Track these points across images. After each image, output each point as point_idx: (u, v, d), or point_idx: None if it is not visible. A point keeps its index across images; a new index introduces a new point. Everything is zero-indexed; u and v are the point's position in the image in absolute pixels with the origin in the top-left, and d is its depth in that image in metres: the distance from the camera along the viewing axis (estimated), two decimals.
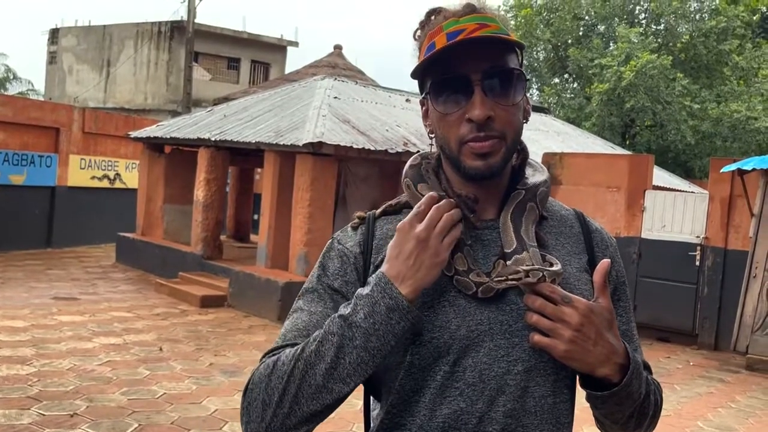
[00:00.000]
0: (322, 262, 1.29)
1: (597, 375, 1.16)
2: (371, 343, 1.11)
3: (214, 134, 10.62)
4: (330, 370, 1.11)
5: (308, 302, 1.26)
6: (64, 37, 29.63)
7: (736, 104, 18.12)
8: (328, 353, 1.11)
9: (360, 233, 1.30)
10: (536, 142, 12.27)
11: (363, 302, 1.12)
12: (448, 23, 1.21)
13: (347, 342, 1.11)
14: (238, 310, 9.37)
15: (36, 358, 6.51)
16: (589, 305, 1.14)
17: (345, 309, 1.14)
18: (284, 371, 1.13)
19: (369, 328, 1.11)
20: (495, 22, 1.21)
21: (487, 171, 1.22)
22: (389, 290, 1.11)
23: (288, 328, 1.24)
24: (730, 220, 8.96)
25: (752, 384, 7.57)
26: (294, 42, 29.98)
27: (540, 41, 21.66)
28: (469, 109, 1.19)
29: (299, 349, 1.14)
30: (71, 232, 13.89)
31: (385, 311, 1.11)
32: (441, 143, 1.26)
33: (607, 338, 1.15)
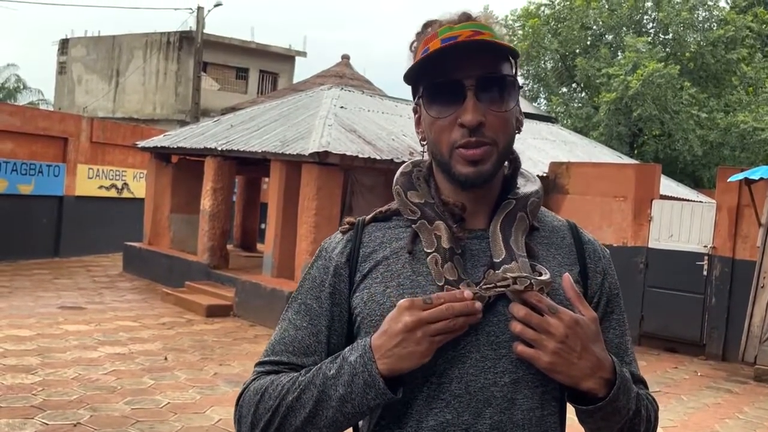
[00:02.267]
0: (310, 271, 1.31)
1: (581, 388, 1.15)
2: (346, 409, 1.15)
3: (221, 144, 10.65)
4: (309, 419, 1.16)
5: (295, 314, 1.29)
6: (73, 48, 29.85)
7: (743, 114, 18.05)
8: (308, 404, 1.16)
9: (348, 241, 1.29)
10: (543, 152, 12.25)
11: (346, 369, 1.14)
12: (443, 29, 1.21)
13: (326, 399, 1.15)
14: (244, 320, 9.37)
15: (41, 367, 6.52)
16: (575, 317, 1.13)
17: (330, 366, 1.17)
18: (270, 406, 1.19)
19: (346, 395, 1.14)
20: (490, 30, 1.21)
21: (478, 178, 1.22)
22: (369, 367, 1.12)
23: (277, 339, 1.29)
24: (737, 229, 8.91)
25: (760, 395, 7.50)
26: (302, 52, 30.10)
27: (548, 51, 21.67)
28: (462, 114, 1.19)
29: (284, 389, 1.18)
30: (79, 242, 13.94)
31: (362, 385, 1.13)
32: (432, 149, 1.26)
33: (593, 351, 1.13)
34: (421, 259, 1.24)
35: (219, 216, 10.84)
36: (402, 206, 1.29)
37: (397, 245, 1.27)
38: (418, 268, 1.23)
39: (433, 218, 1.24)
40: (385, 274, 1.24)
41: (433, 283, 1.21)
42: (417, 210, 1.26)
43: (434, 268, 1.21)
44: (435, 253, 1.21)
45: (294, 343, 1.26)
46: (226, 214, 11.02)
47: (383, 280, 1.24)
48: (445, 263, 1.20)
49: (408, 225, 1.28)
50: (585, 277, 1.31)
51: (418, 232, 1.26)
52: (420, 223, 1.25)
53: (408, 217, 1.28)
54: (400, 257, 1.25)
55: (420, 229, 1.25)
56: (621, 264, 9.35)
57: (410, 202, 1.27)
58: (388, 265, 1.25)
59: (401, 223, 1.30)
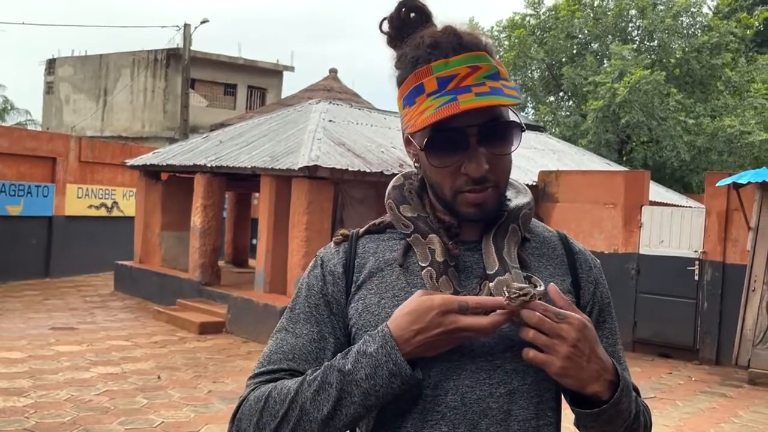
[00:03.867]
0: (307, 281, 1.29)
1: (587, 392, 1.14)
2: (369, 402, 1.12)
3: (210, 160, 10.64)
4: (326, 420, 1.13)
5: (293, 323, 1.26)
6: (60, 67, 29.82)
7: (730, 119, 18.18)
8: (326, 404, 1.12)
9: (343, 251, 1.29)
10: (532, 161, 12.29)
11: (366, 361, 1.11)
12: (437, 66, 1.17)
13: (345, 396, 1.12)
14: (237, 336, 9.33)
15: (33, 389, 6.47)
16: (584, 321, 1.13)
17: (344, 362, 1.13)
18: (277, 411, 1.14)
19: (369, 388, 1.11)
20: (486, 60, 1.18)
21: (482, 217, 1.24)
22: (394, 356, 1.10)
23: (273, 349, 1.25)
24: (727, 234, 8.95)
25: (755, 398, 7.51)
26: (290, 67, 30.18)
27: (534, 61, 21.77)
28: (467, 166, 1.18)
29: (292, 392, 1.14)
30: (69, 262, 13.86)
31: (387, 375, 1.11)
32: (432, 184, 1.25)
33: (599, 354, 1.14)
34: (415, 271, 1.24)
35: (210, 232, 10.81)
36: (395, 220, 1.29)
37: (391, 257, 1.27)
38: (412, 279, 1.24)
39: (426, 232, 1.24)
40: (379, 285, 1.24)
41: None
42: (410, 224, 1.26)
43: (429, 282, 1.21)
44: (429, 267, 1.21)
45: (294, 350, 1.23)
46: (216, 231, 10.99)
47: (378, 291, 1.24)
48: (440, 277, 1.20)
49: (402, 237, 1.28)
50: (577, 287, 1.32)
51: (412, 245, 1.26)
52: (414, 237, 1.26)
53: (402, 231, 1.28)
54: (394, 269, 1.25)
55: (414, 243, 1.26)
56: (612, 271, 9.38)
57: (403, 216, 1.27)
58: (382, 277, 1.25)
59: (395, 235, 1.30)
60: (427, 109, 1.15)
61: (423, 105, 1.17)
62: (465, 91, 1.15)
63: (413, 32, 1.25)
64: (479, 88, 1.15)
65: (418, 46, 1.22)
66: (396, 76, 1.26)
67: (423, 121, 1.14)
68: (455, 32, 1.21)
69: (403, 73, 1.23)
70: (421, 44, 1.21)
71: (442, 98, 1.15)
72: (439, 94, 1.16)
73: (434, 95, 1.16)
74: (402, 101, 1.23)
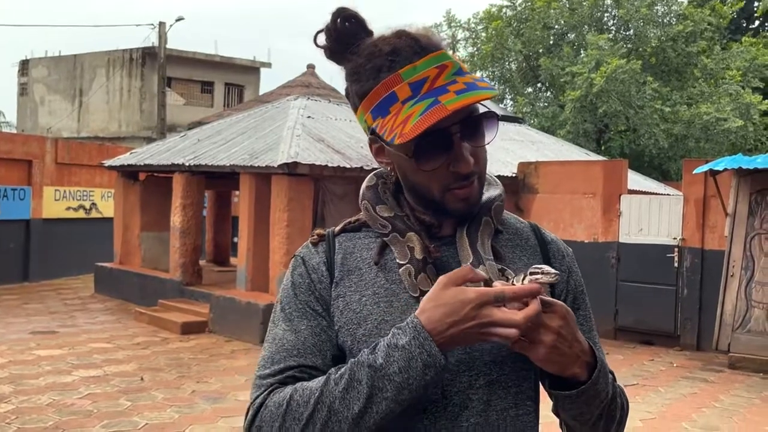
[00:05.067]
0: (293, 280, 1.27)
1: (566, 374, 1.15)
2: (402, 396, 1.09)
3: (188, 159, 10.57)
4: (357, 419, 1.09)
5: (288, 320, 1.23)
6: (34, 68, 29.47)
7: (706, 106, 18.36)
8: (356, 402, 1.09)
9: (322, 250, 1.28)
10: (511, 152, 12.33)
11: (398, 355, 1.08)
12: (406, 72, 1.17)
13: (377, 393, 1.08)
14: (220, 335, 9.29)
15: (14, 395, 6.40)
16: (566, 307, 1.13)
17: (373, 357, 1.10)
18: (301, 414, 1.11)
19: (402, 382, 1.08)
20: (449, 58, 1.18)
21: (470, 210, 1.24)
22: (428, 347, 1.07)
23: (274, 350, 1.22)
24: (705, 220, 9.04)
25: (735, 382, 7.61)
26: (267, 63, 30.06)
27: (511, 52, 21.83)
28: (454, 164, 1.18)
29: (317, 392, 1.11)
30: (48, 265, 13.72)
31: (422, 367, 1.08)
32: (417, 188, 1.24)
33: (579, 338, 1.15)
34: (393, 268, 1.24)
35: (190, 232, 10.75)
36: (371, 221, 1.29)
37: (368, 255, 1.27)
38: (390, 276, 1.24)
39: (404, 230, 1.24)
40: (359, 283, 1.24)
41: (407, 291, 1.21)
42: (387, 224, 1.26)
43: (408, 279, 1.21)
44: (408, 265, 1.21)
45: (297, 346, 1.20)
46: (197, 230, 10.92)
47: (357, 289, 1.23)
48: (418, 274, 1.20)
49: (378, 235, 1.28)
50: None
51: (390, 244, 1.26)
52: (392, 236, 1.25)
53: (379, 231, 1.28)
54: (372, 267, 1.25)
55: (392, 242, 1.26)
56: (593, 260, 9.45)
57: (380, 216, 1.27)
58: (360, 275, 1.25)
59: (371, 233, 1.30)
60: (410, 116, 1.14)
61: (402, 113, 1.15)
62: (442, 92, 1.14)
63: (353, 42, 1.24)
64: (454, 86, 1.15)
65: (375, 55, 1.20)
66: (353, 90, 1.24)
67: (412, 129, 1.12)
68: (411, 35, 1.21)
69: (366, 85, 1.20)
70: (379, 53, 1.20)
71: (422, 103, 1.14)
72: (416, 99, 1.15)
73: (411, 101, 1.15)
74: (370, 113, 1.20)
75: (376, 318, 1.20)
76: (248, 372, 7.48)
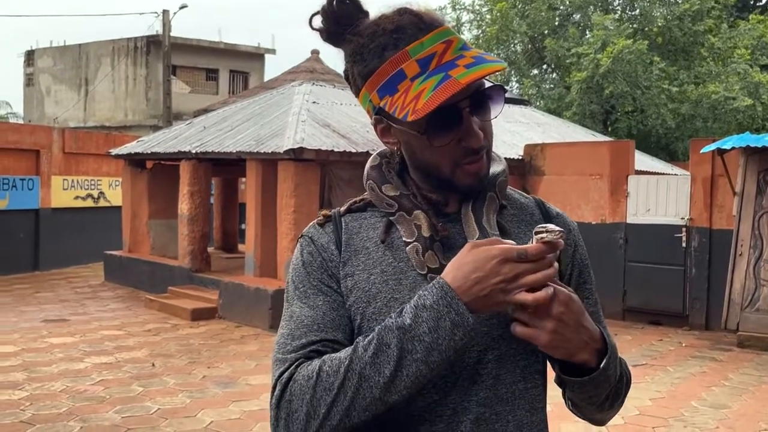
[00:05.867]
0: (303, 259, 1.27)
1: (575, 361, 1.17)
2: (432, 357, 1.08)
3: (195, 146, 10.59)
4: (388, 384, 1.08)
5: (305, 298, 1.23)
6: (40, 59, 29.50)
7: (714, 85, 18.22)
8: (386, 366, 1.08)
9: (330, 230, 1.28)
10: (518, 134, 12.30)
11: (427, 315, 1.08)
12: (413, 48, 1.17)
13: (406, 355, 1.08)
14: (230, 321, 9.35)
15: (27, 382, 6.47)
16: (569, 294, 1.14)
17: (401, 320, 1.09)
18: (332, 384, 1.10)
19: (432, 342, 1.08)
20: (453, 33, 1.19)
21: (480, 185, 1.25)
22: (456, 306, 1.07)
23: (293, 327, 1.20)
24: (713, 199, 9.02)
25: (744, 361, 7.61)
26: (271, 49, 29.98)
27: (517, 34, 21.68)
28: (466, 139, 1.18)
29: (346, 360, 1.10)
30: (58, 254, 13.81)
31: (450, 327, 1.07)
32: (427, 166, 1.24)
33: (585, 324, 1.15)
34: (400, 246, 1.24)
35: (198, 219, 10.79)
36: (377, 200, 1.29)
37: (374, 234, 1.27)
38: (398, 255, 1.24)
39: (411, 209, 1.24)
40: (366, 262, 1.24)
41: (414, 269, 1.22)
42: (394, 203, 1.26)
43: (415, 257, 1.22)
44: (415, 243, 1.22)
45: (317, 321, 1.19)
46: (204, 217, 10.96)
47: (365, 268, 1.24)
48: (426, 252, 1.21)
49: (383, 215, 1.28)
50: None
51: (397, 223, 1.26)
52: (398, 215, 1.26)
53: (385, 211, 1.28)
54: (378, 246, 1.26)
55: (398, 221, 1.26)
56: (600, 241, 9.45)
57: (386, 196, 1.27)
58: (368, 254, 1.25)
59: (376, 213, 1.30)
60: (422, 92, 1.13)
61: (413, 90, 1.15)
62: (452, 67, 1.14)
63: (350, 22, 1.23)
64: (462, 60, 1.15)
65: (379, 34, 1.20)
66: (356, 71, 1.23)
67: (426, 105, 1.12)
68: (413, 12, 1.21)
69: (370, 65, 1.20)
70: (382, 31, 1.20)
71: (432, 78, 1.14)
72: (426, 75, 1.15)
73: (420, 77, 1.15)
74: (376, 92, 1.20)
75: (385, 296, 1.20)
76: (258, 357, 7.54)
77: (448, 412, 1.18)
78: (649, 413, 5.79)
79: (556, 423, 5.25)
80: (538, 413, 1.26)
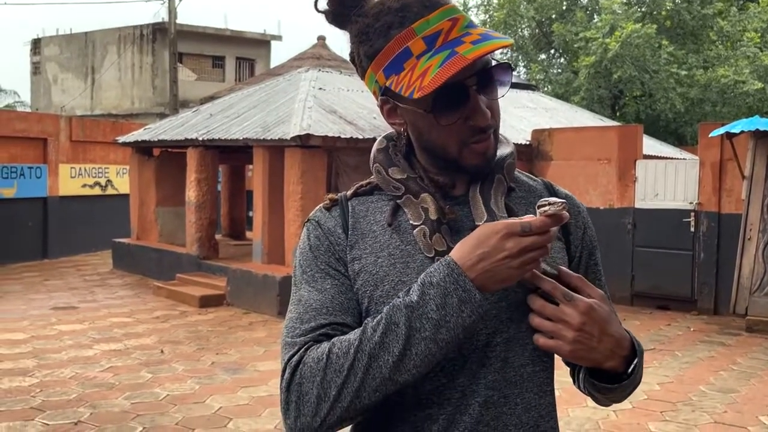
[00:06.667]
0: (310, 243, 1.26)
1: (604, 368, 1.19)
2: (440, 335, 1.08)
3: (202, 134, 10.59)
4: (397, 363, 1.08)
5: (313, 281, 1.22)
6: (46, 47, 29.52)
7: (723, 69, 18.08)
8: (395, 345, 1.08)
9: (337, 214, 1.28)
10: (525, 120, 12.25)
11: (434, 292, 1.08)
12: (420, 26, 1.15)
13: (415, 333, 1.08)
14: (238, 308, 9.38)
15: (37, 368, 6.51)
16: (589, 302, 1.14)
17: (408, 298, 1.10)
18: (342, 365, 1.09)
19: (440, 319, 1.08)
20: (459, 12, 1.18)
21: (488, 164, 1.23)
22: (463, 282, 1.08)
23: (302, 310, 1.19)
24: (722, 184, 8.97)
25: (753, 345, 7.59)
26: (277, 36, 29.93)
27: (524, 18, 21.56)
28: (473, 117, 1.18)
29: (356, 341, 1.10)
30: (66, 242, 13.87)
31: (457, 303, 1.08)
32: (434, 147, 1.23)
33: (610, 333, 1.16)
34: (407, 230, 1.24)
35: (205, 206, 10.80)
36: (384, 184, 1.28)
37: (381, 218, 1.26)
38: (405, 238, 1.23)
39: (418, 192, 1.23)
40: (373, 245, 1.23)
41: (422, 252, 1.21)
42: (401, 186, 1.25)
43: (422, 240, 1.21)
44: (423, 226, 1.21)
45: (326, 304, 1.19)
46: (212, 204, 10.97)
47: (372, 251, 1.23)
48: (433, 234, 1.20)
49: (390, 198, 1.28)
50: (566, 234, 1.33)
51: (404, 206, 1.25)
52: (405, 198, 1.25)
53: (392, 194, 1.27)
54: (386, 229, 1.25)
55: (405, 204, 1.25)
56: (609, 226, 9.43)
57: (393, 179, 1.26)
58: (375, 237, 1.24)
59: (383, 197, 1.29)
60: (429, 69, 1.12)
61: (419, 67, 1.14)
62: (458, 44, 1.13)
63: (356, 3, 1.23)
64: (468, 37, 1.14)
65: (384, 13, 1.19)
66: (362, 52, 1.22)
67: (432, 81, 1.10)
68: None
69: (376, 44, 1.19)
70: (387, 10, 1.19)
71: (438, 55, 1.13)
72: (433, 53, 1.14)
73: (426, 55, 1.14)
74: (382, 72, 1.19)
75: (393, 279, 1.20)
76: (266, 343, 7.56)
77: (456, 395, 1.18)
78: (657, 398, 5.79)
79: (565, 407, 5.26)
80: (547, 396, 1.26)
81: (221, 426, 5.15)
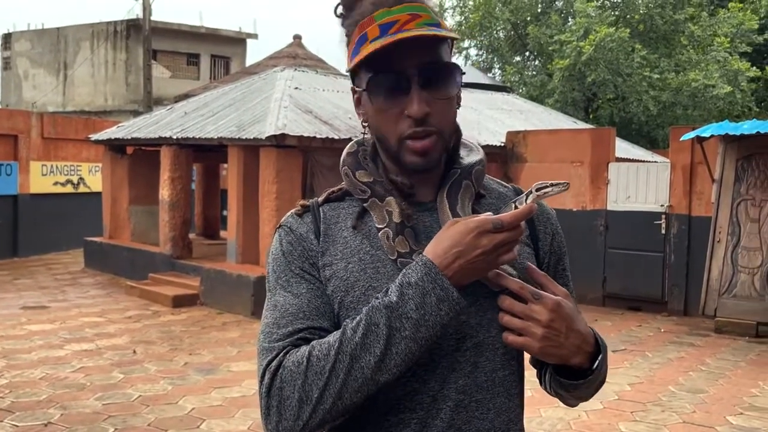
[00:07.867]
0: (282, 249, 1.27)
1: (570, 364, 1.21)
2: (420, 334, 1.10)
3: (176, 132, 10.51)
4: (378, 363, 1.09)
5: (288, 286, 1.23)
6: (17, 42, 29.07)
7: (694, 73, 18.35)
8: (376, 345, 1.09)
9: (309, 221, 1.29)
10: (499, 122, 12.32)
11: (412, 292, 1.10)
12: (379, 14, 1.19)
13: (395, 333, 1.09)
14: (211, 308, 9.32)
15: (6, 369, 6.42)
16: (556, 300, 1.16)
17: (387, 299, 1.11)
18: (323, 367, 1.10)
19: (419, 319, 1.09)
20: (425, 11, 1.20)
21: (426, 166, 1.24)
22: (440, 281, 1.10)
23: (278, 315, 1.20)
24: (692, 187, 9.10)
25: (721, 346, 7.72)
26: (253, 34, 29.76)
27: (499, 20, 21.71)
28: (408, 106, 1.19)
29: (336, 343, 1.11)
30: (37, 240, 13.68)
31: (436, 302, 1.09)
32: (378, 136, 1.26)
33: (577, 329, 1.18)
34: (377, 235, 1.25)
35: (179, 205, 10.72)
36: (351, 187, 1.30)
37: (352, 224, 1.28)
38: (375, 243, 1.24)
39: (383, 195, 1.25)
40: (344, 251, 1.25)
41: (387, 259, 1.22)
42: (367, 189, 1.27)
43: (386, 242, 1.22)
44: (386, 228, 1.23)
45: (302, 308, 1.19)
46: (186, 203, 10.89)
47: (343, 257, 1.24)
48: (396, 237, 1.21)
49: (361, 204, 1.29)
50: (535, 240, 1.35)
51: (370, 210, 1.27)
52: (371, 201, 1.26)
53: (359, 197, 1.29)
54: (356, 235, 1.26)
55: (371, 207, 1.27)
56: (581, 227, 9.52)
57: (359, 182, 1.28)
58: (346, 243, 1.25)
59: (354, 202, 1.30)
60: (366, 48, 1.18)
61: (365, 49, 1.18)
62: (405, 33, 1.16)
63: None
64: (419, 30, 1.17)
65: (362, 8, 1.23)
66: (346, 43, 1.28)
67: (359, 54, 1.17)
68: None
69: (351, 36, 1.24)
70: (364, 3, 1.23)
71: (382, 39, 1.17)
72: (383, 39, 1.17)
73: (378, 40, 1.17)
74: (350, 58, 1.24)
75: (363, 284, 1.21)
76: (240, 344, 7.54)
77: (427, 400, 1.19)
78: (628, 398, 5.86)
79: (537, 407, 5.31)
80: (514, 399, 1.28)
81: (194, 427, 5.12)
